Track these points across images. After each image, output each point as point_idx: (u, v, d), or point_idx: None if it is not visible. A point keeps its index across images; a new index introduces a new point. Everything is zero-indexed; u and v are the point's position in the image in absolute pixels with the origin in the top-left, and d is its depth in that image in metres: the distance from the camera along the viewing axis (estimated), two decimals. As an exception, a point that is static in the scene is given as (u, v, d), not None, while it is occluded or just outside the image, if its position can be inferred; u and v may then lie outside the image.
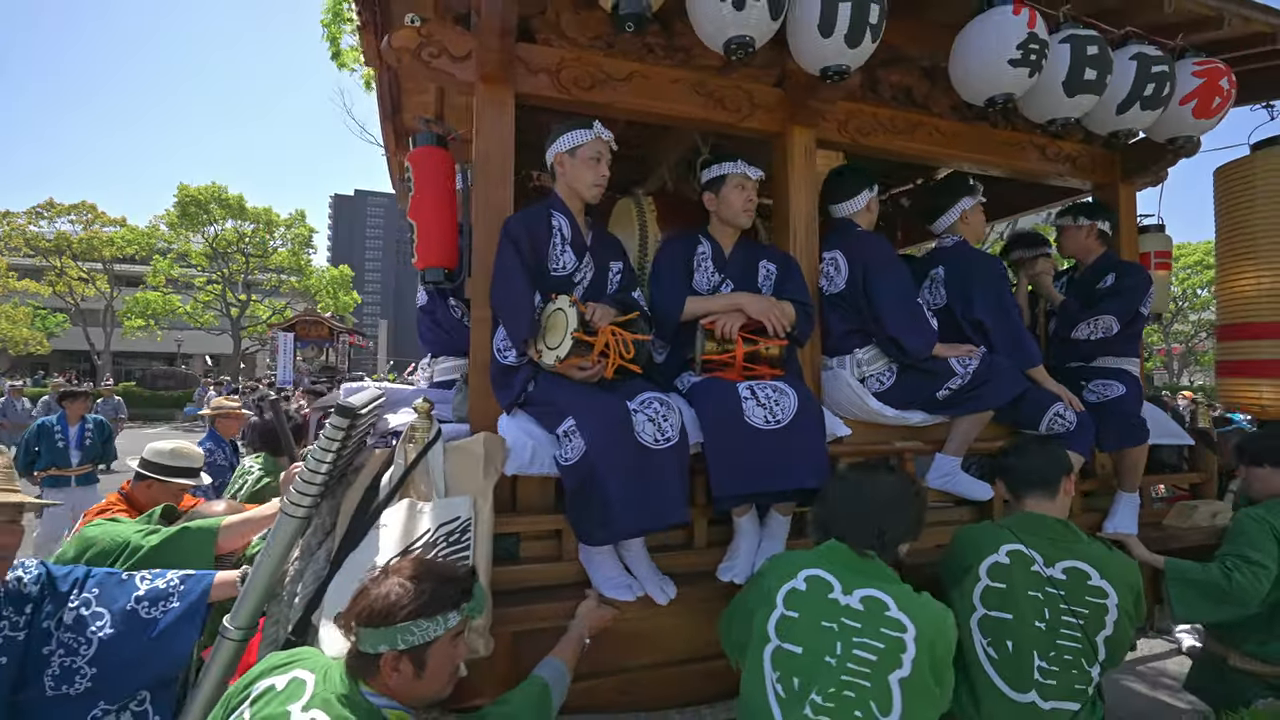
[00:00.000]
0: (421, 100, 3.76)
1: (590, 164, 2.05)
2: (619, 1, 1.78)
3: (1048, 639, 1.73)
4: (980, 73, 2.24)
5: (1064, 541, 1.86)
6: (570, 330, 1.78)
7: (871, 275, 2.35)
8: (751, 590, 1.71)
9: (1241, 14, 2.55)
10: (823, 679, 1.45)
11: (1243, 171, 3.04)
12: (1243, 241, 3.03)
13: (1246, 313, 3.01)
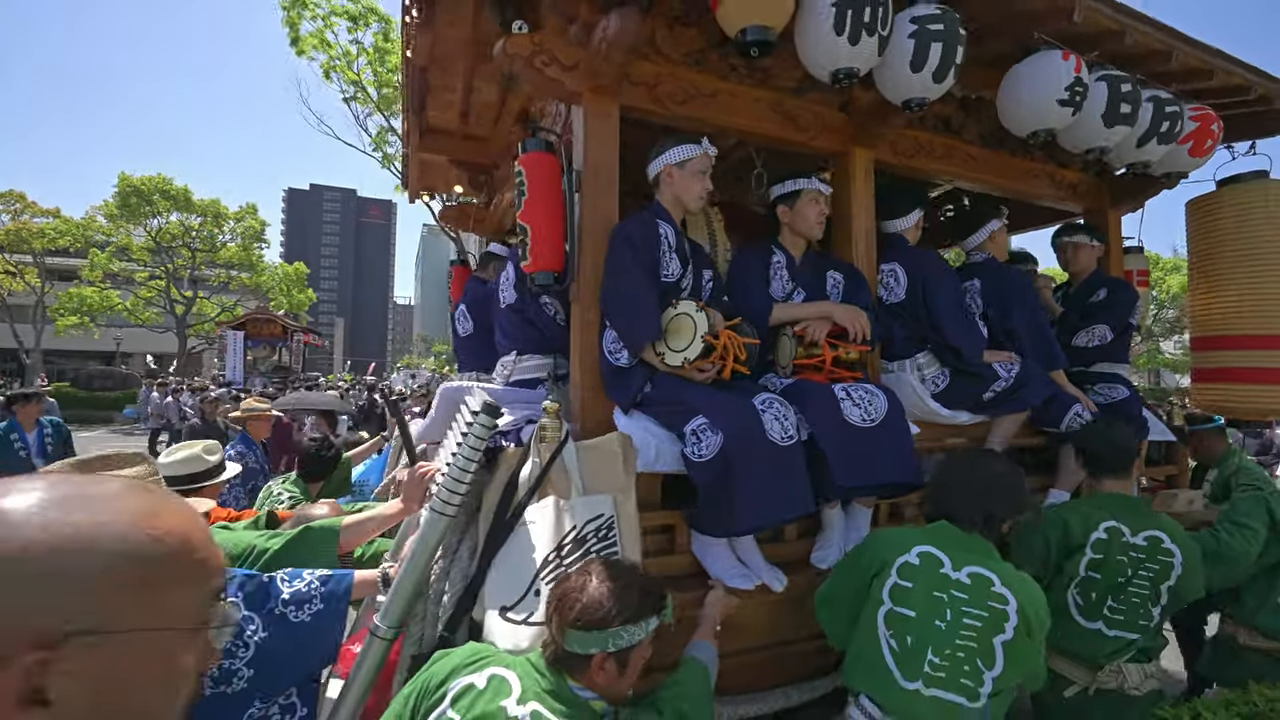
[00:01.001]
0: (448, 99, 3.69)
1: (698, 177, 2.08)
2: (747, 28, 1.82)
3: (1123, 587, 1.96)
4: (1031, 109, 2.40)
5: (1144, 514, 2.08)
6: (700, 334, 1.81)
7: (931, 287, 2.47)
8: (861, 560, 1.77)
9: (1226, 68, 2.82)
10: (936, 640, 1.58)
11: (1211, 204, 3.34)
12: (1212, 265, 3.33)
13: (1217, 327, 3.31)
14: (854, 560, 1.79)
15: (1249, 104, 3.04)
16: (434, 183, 4.46)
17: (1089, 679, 1.95)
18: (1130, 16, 2.46)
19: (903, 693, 1.55)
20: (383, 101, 16.14)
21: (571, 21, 2.15)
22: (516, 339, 2.38)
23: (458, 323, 3.31)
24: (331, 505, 2.15)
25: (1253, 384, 3.20)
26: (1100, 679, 1.93)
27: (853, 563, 1.79)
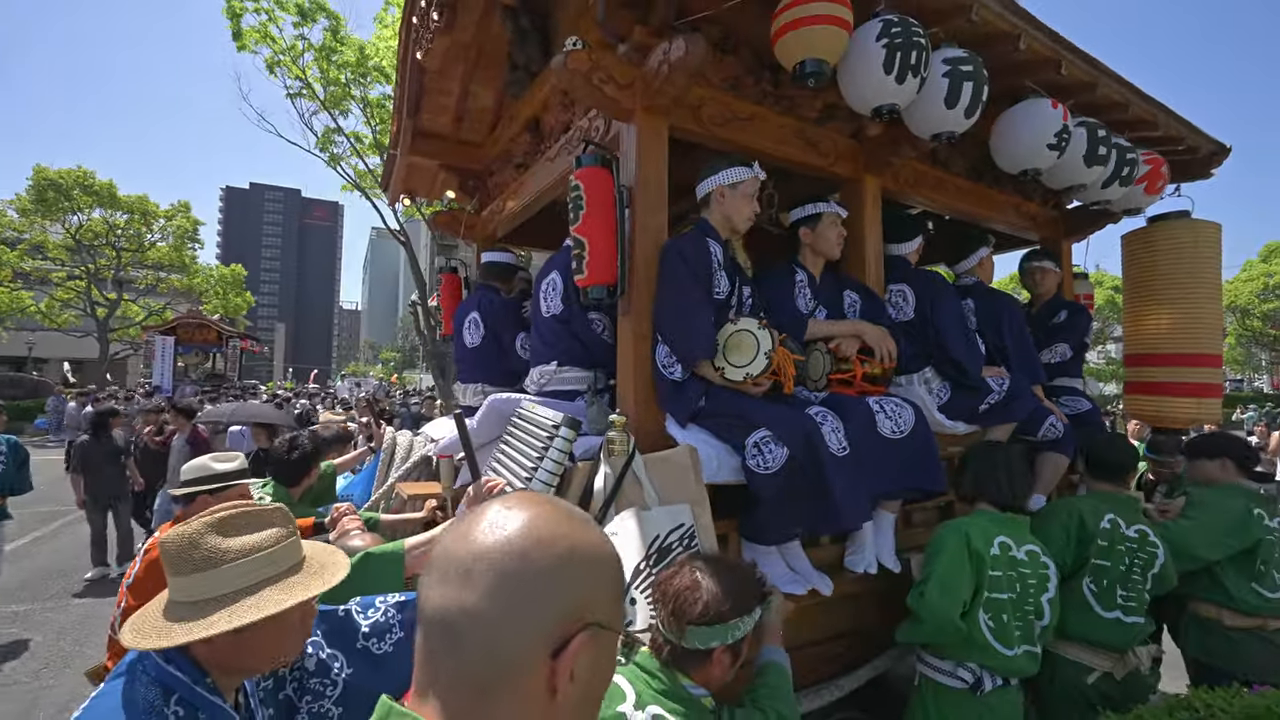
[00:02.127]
0: (443, 103, 3.59)
1: (748, 199, 2.10)
2: (806, 60, 1.85)
3: (1127, 575, 2.19)
4: (1024, 151, 2.56)
5: (1134, 510, 2.31)
6: (764, 350, 1.81)
7: (937, 308, 2.58)
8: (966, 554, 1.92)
9: (1168, 120, 3.12)
10: (1010, 610, 1.92)
11: (1143, 238, 3.65)
12: (1145, 291, 3.63)
13: (1148, 345, 3.61)
14: (959, 555, 1.91)
15: (1179, 152, 3.37)
16: (417, 186, 4.29)
17: (1115, 665, 2.08)
18: (1102, 71, 2.68)
19: (1005, 658, 1.88)
20: (329, 100, 15.41)
21: (622, 40, 2.13)
22: (558, 350, 2.31)
23: (466, 332, 3.18)
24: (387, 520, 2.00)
25: (1179, 397, 3.52)
26: (1128, 663, 2.07)
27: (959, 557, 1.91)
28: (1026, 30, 2.32)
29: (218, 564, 0.97)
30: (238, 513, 1.02)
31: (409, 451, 3.43)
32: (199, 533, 0.98)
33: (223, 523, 1.00)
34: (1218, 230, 3.56)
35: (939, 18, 2.13)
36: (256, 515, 1.04)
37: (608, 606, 0.55)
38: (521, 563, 0.51)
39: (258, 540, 1.01)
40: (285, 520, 1.06)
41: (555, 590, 0.51)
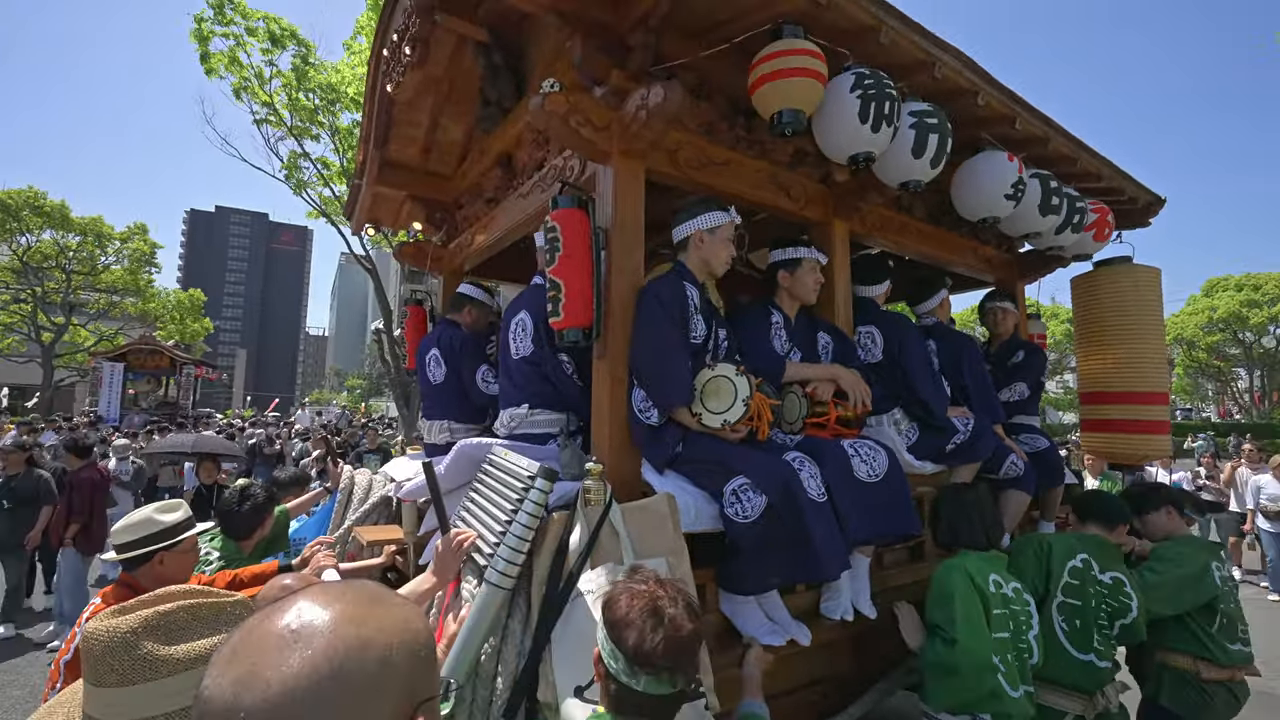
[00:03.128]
0: (411, 134, 3.53)
1: (726, 243, 2.07)
2: (783, 111, 1.85)
3: (1095, 618, 2.16)
4: (984, 199, 2.63)
5: (1114, 556, 2.28)
6: (742, 397, 1.76)
7: (905, 350, 2.59)
8: (972, 594, 1.90)
9: (1112, 173, 3.26)
10: (1010, 649, 1.88)
11: (1090, 282, 3.80)
12: (1094, 332, 3.76)
13: (1100, 384, 3.72)
14: (970, 595, 1.88)
15: (1122, 202, 3.53)
16: (382, 216, 4.19)
17: (1085, 707, 2.05)
18: (1053, 127, 2.79)
19: (1012, 701, 1.83)
20: (296, 126, 15.17)
21: (598, 84, 2.11)
22: (528, 392, 2.22)
23: (428, 369, 3.06)
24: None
25: (1131, 433, 3.62)
26: (1097, 704, 2.04)
27: (971, 597, 1.88)
28: (984, 88, 2.40)
29: (152, 677, 0.79)
30: (185, 606, 0.87)
31: (367, 492, 3.26)
32: (133, 633, 0.81)
33: (164, 622, 0.84)
34: (1157, 274, 3.73)
35: (904, 73, 2.19)
36: (208, 611, 0.88)
37: (428, 676, 0.54)
38: (339, 687, 0.47)
39: (206, 649, 0.83)
40: (243, 617, 0.90)
41: (384, 697, 0.49)
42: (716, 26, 2.06)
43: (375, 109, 3.34)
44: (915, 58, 2.13)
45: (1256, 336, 34.02)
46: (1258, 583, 7.34)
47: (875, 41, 2.01)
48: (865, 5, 1.93)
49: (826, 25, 1.95)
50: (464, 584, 1.55)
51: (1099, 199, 3.35)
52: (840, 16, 1.92)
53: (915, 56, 2.13)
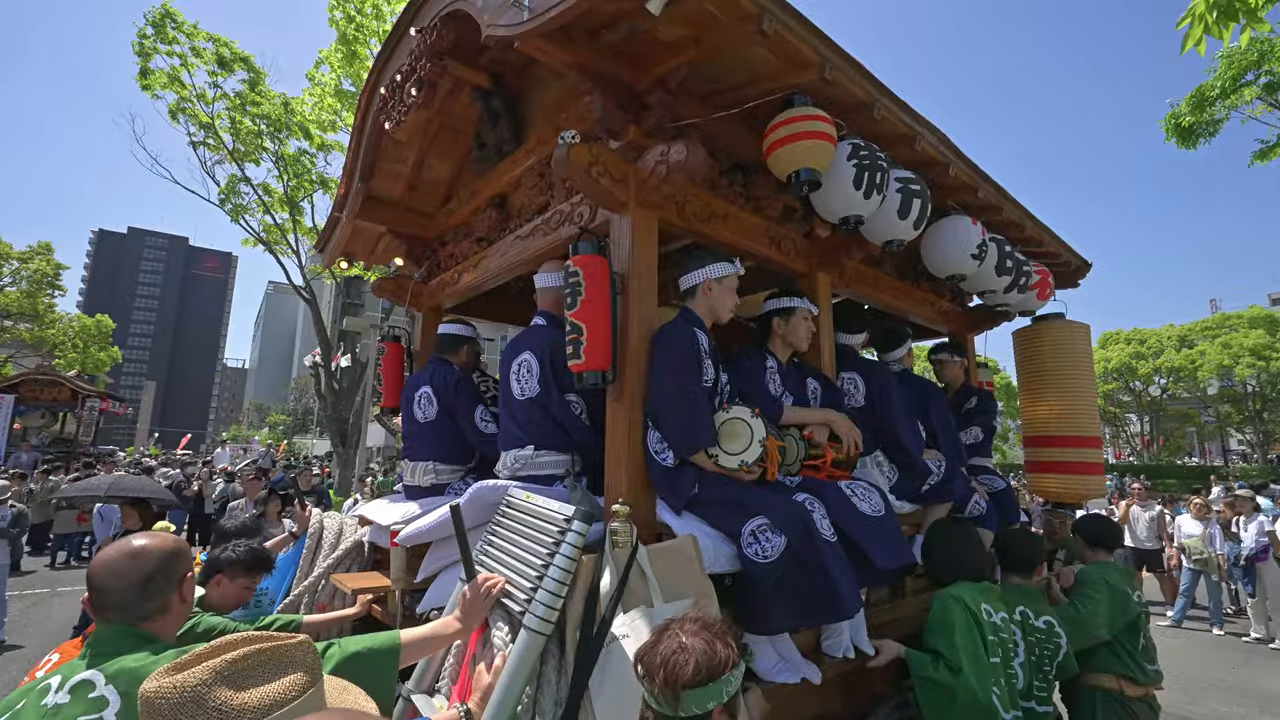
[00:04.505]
0: (395, 169, 3.52)
1: (732, 292, 2.18)
2: (800, 171, 2.00)
3: (1039, 666, 2.29)
4: (952, 258, 2.89)
5: (1042, 601, 2.44)
6: (758, 438, 1.83)
7: (886, 396, 2.75)
8: (970, 623, 2.05)
9: (1053, 240, 3.64)
10: (1001, 674, 2.02)
11: (1031, 335, 4.16)
12: (1036, 381, 4.10)
13: (1042, 429, 4.04)
14: (969, 626, 2.02)
15: (1058, 265, 3.93)
16: (357, 249, 4.11)
17: None
18: (1005, 197, 3.11)
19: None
20: (238, 151, 14.63)
21: (615, 138, 2.21)
22: (534, 433, 2.21)
23: (416, 406, 2.98)
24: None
25: (1072, 474, 3.93)
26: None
27: (970, 628, 2.01)
28: (954, 160, 2.66)
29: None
30: (251, 653, 0.83)
31: (339, 537, 3.10)
32: (204, 685, 0.77)
33: (234, 670, 0.80)
34: (1087, 329, 4.13)
35: (890, 144, 2.41)
36: (274, 655, 0.84)
37: None
38: None
39: (279, 693, 0.80)
40: (309, 660, 0.87)
41: None
42: (727, 91, 2.22)
43: (363, 143, 3.32)
44: (901, 132, 2.35)
45: (1144, 385, 37.63)
46: (1163, 612, 7.97)
47: (869, 116, 2.22)
48: (863, 84, 2.13)
49: (828, 99, 2.13)
50: (494, 631, 1.51)
51: (1040, 261, 3.72)
52: (842, 93, 2.11)
53: (901, 131, 2.35)
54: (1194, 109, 8.77)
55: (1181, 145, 9.11)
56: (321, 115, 12.72)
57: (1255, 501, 8.06)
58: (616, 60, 2.13)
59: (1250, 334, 33.60)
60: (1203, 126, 8.88)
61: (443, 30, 2.45)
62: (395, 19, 10.94)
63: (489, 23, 2.09)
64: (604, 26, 1.99)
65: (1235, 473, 26.58)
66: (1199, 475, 26.22)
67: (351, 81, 12.14)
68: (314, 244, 15.03)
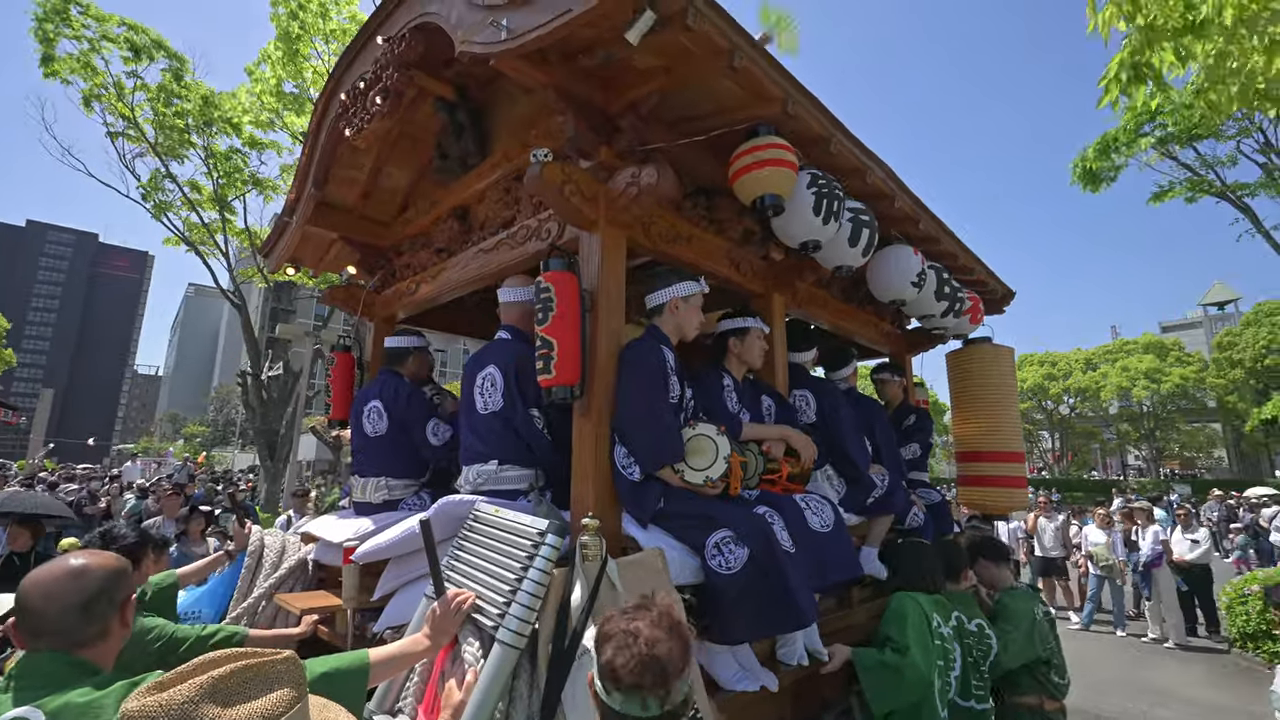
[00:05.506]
0: (351, 175, 3.45)
1: (697, 310, 2.25)
2: (765, 196, 2.11)
3: (976, 666, 2.45)
4: (893, 286, 3.09)
5: (974, 606, 2.61)
6: (724, 455, 1.90)
7: (836, 413, 2.90)
8: (922, 618, 2.19)
9: (984, 269, 3.94)
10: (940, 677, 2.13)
11: (962, 357, 4.46)
12: (966, 400, 4.39)
13: (972, 445, 4.32)
14: (921, 619, 2.19)
15: (986, 292, 4.25)
16: (305, 256, 3.97)
17: None
18: (943, 229, 3.35)
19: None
20: (162, 146, 13.78)
21: (585, 158, 2.26)
22: (497, 448, 2.20)
23: (366, 421, 2.90)
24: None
25: (999, 488, 4.22)
26: None
27: (922, 621, 2.17)
28: (899, 194, 2.86)
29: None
30: (237, 669, 0.81)
31: (280, 556, 2.95)
32: (191, 702, 0.76)
33: (221, 686, 0.79)
34: (1012, 352, 4.46)
35: (843, 176, 2.56)
36: (259, 671, 0.83)
37: None
38: None
39: (267, 709, 0.80)
40: (295, 675, 0.86)
41: None
42: (695, 119, 2.31)
43: (318, 148, 3.23)
44: (854, 165, 2.51)
45: (1055, 405, 40.66)
46: (1065, 617, 8.60)
47: (826, 150, 2.36)
48: (821, 120, 2.28)
49: (789, 131, 2.26)
50: (465, 646, 1.49)
51: (971, 289, 4.01)
52: (802, 126, 2.24)
53: (854, 164, 2.51)
54: (1099, 154, 9.68)
55: (1086, 188, 10.02)
56: (262, 115, 12.15)
57: (1150, 512, 8.84)
58: (589, 83, 2.18)
59: (1144, 358, 36.85)
60: (1106, 171, 9.80)
61: (412, 41, 2.45)
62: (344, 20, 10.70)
63: (464, 39, 2.10)
64: (580, 51, 2.04)
65: (1133, 486, 28.98)
66: (1103, 488, 28.43)
67: (294, 83, 11.68)
68: (258, 248, 14.32)
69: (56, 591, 1.11)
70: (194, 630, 2.07)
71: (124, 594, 1.18)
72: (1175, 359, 36.86)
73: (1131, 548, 8.23)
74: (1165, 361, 36.40)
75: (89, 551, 1.20)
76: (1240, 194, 11.55)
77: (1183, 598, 7.92)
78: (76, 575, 1.12)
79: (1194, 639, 7.85)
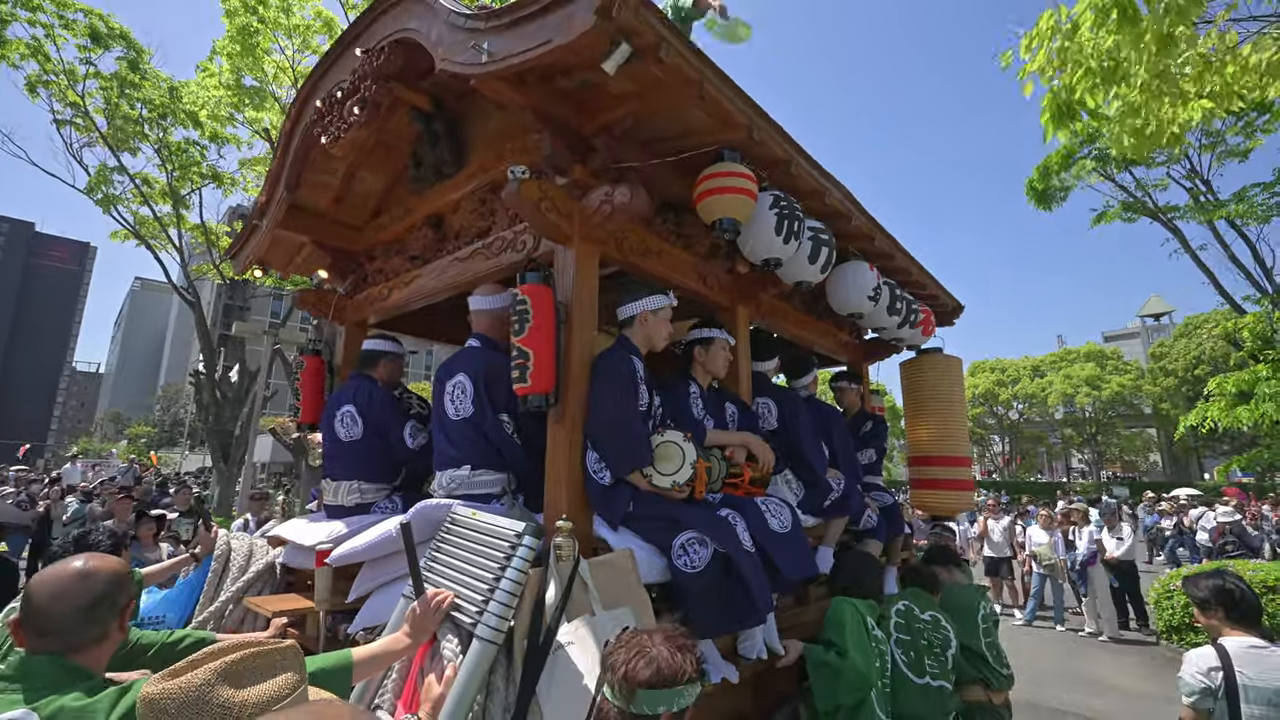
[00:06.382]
0: (323, 180, 3.46)
1: (666, 322, 2.37)
2: (723, 219, 2.24)
3: (929, 648, 2.65)
4: (852, 298, 3.26)
5: (928, 600, 2.82)
6: (690, 460, 2.02)
7: (796, 419, 3.05)
8: (860, 623, 2.31)
9: (935, 283, 4.18)
10: (879, 678, 2.30)
11: (914, 366, 4.70)
12: (918, 407, 4.62)
13: (923, 449, 4.56)
14: (859, 623, 2.32)
15: (937, 306, 4.50)
16: (273, 259, 3.94)
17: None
18: (897, 246, 3.55)
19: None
20: (112, 136, 13.25)
21: (560, 175, 2.35)
22: (469, 453, 2.27)
23: (339, 425, 2.92)
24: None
25: (949, 490, 4.47)
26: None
27: (860, 625, 2.30)
28: (855, 213, 3.03)
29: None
30: (246, 655, 0.89)
31: (248, 559, 2.94)
32: (207, 684, 0.83)
33: (233, 670, 0.86)
34: (960, 362, 4.72)
35: (803, 197, 2.72)
36: (266, 657, 0.90)
37: None
38: None
39: (275, 691, 0.87)
40: (297, 662, 0.93)
41: None
42: (665, 140, 2.42)
43: (291, 152, 3.23)
44: (813, 187, 2.67)
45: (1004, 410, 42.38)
46: (1010, 614, 9.06)
47: (787, 172, 2.51)
48: (782, 144, 2.42)
49: (754, 154, 2.40)
50: (444, 643, 1.57)
51: (924, 303, 4.24)
52: (765, 151, 2.38)
53: (813, 186, 2.67)
54: (1041, 177, 10.25)
55: (1039, 207, 10.60)
56: (221, 110, 11.79)
57: (1086, 513, 9.38)
58: (566, 105, 2.28)
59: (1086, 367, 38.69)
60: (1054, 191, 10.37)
61: (391, 54, 2.50)
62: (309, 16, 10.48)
63: (444, 57, 2.18)
64: (559, 74, 2.14)
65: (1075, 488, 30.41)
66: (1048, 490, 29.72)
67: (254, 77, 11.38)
68: (219, 247, 13.86)
69: (64, 591, 1.13)
70: (160, 636, 2.08)
71: (125, 599, 1.22)
72: (1113, 367, 38.90)
73: (1070, 547, 8.72)
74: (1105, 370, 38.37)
75: (95, 555, 1.23)
76: (1170, 216, 12.38)
77: (1115, 594, 8.42)
78: (84, 576, 1.15)
79: (1126, 632, 8.36)
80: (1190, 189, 11.70)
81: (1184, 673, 2.47)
